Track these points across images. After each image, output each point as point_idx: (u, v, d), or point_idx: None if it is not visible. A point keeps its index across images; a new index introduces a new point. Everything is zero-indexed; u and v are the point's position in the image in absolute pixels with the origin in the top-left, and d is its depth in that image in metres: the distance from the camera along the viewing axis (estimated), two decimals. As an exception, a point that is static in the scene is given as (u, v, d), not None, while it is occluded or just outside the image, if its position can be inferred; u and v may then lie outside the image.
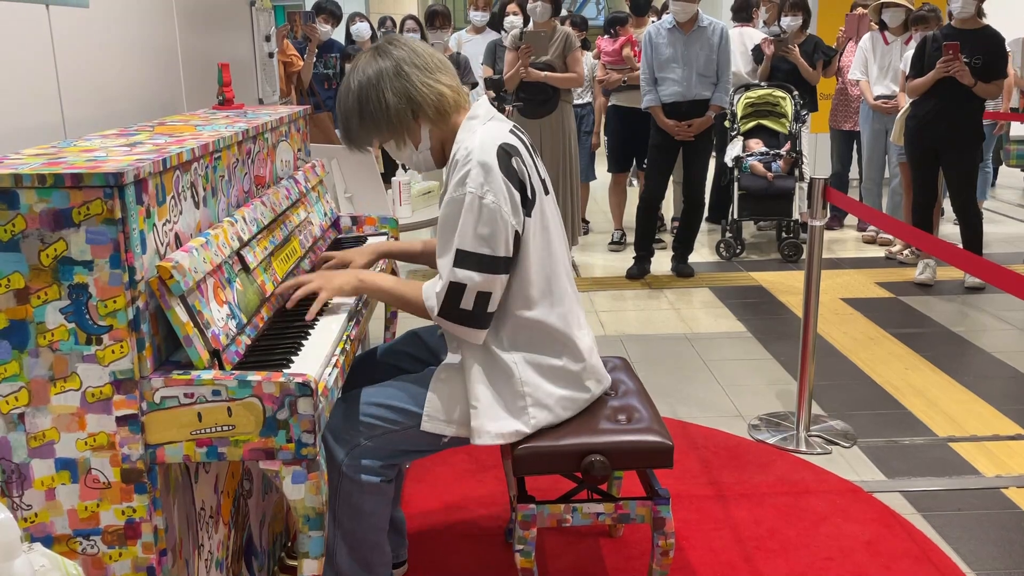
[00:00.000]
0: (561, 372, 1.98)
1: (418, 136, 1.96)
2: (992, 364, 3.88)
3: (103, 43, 2.24)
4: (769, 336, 4.30)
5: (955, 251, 2.47)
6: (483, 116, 1.95)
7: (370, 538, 1.97)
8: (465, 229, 1.83)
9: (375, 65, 1.91)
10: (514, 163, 1.87)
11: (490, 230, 1.82)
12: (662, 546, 2.04)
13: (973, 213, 4.89)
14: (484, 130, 1.90)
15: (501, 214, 1.83)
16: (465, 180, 1.83)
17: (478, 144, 1.85)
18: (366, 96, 1.90)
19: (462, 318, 1.87)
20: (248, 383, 1.50)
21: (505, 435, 1.94)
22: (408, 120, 1.92)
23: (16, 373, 1.47)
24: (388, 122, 1.91)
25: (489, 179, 1.82)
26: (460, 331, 1.90)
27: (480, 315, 1.87)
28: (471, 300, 1.84)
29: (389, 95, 1.89)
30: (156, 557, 1.54)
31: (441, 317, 1.88)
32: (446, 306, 1.86)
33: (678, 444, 3.03)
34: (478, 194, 1.82)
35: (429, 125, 1.94)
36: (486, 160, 1.83)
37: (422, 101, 1.90)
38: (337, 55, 5.95)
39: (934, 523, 2.61)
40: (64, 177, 1.40)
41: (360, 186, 3.37)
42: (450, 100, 1.93)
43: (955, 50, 4.58)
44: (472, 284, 1.84)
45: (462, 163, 1.85)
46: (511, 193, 1.84)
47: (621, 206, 6.21)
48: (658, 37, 5.13)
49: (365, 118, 1.92)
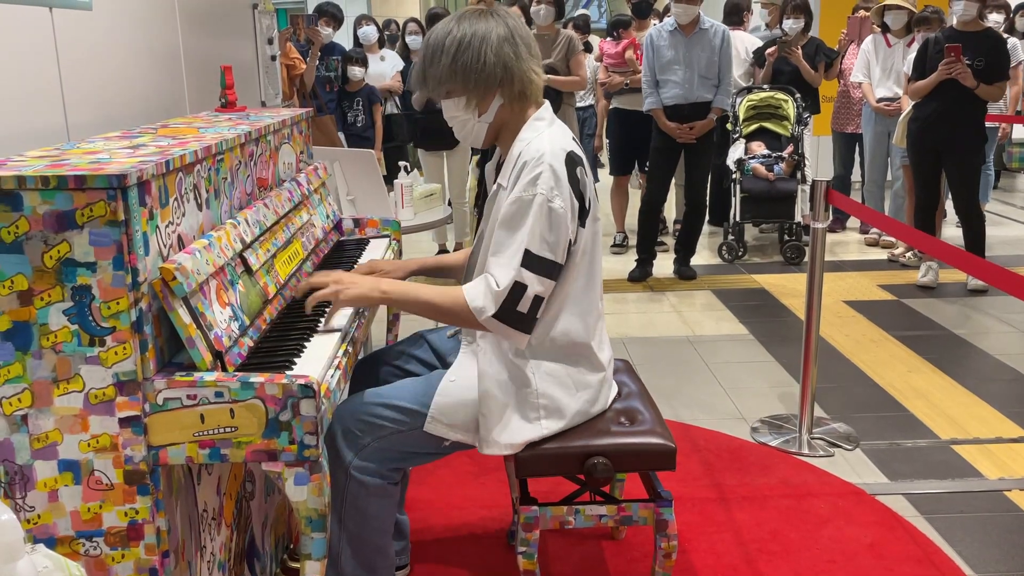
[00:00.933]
0: (580, 383, 1.98)
1: (488, 106, 1.92)
2: (995, 366, 3.88)
3: (106, 46, 2.24)
4: (771, 338, 4.29)
5: (958, 253, 2.47)
6: (548, 119, 1.95)
7: (374, 541, 1.97)
8: (535, 231, 1.81)
9: (484, 23, 1.88)
10: (578, 172, 1.87)
11: (555, 236, 1.82)
12: (664, 548, 2.04)
13: (975, 215, 4.89)
14: (551, 133, 1.90)
15: (566, 221, 1.83)
16: (536, 181, 1.81)
17: (548, 147, 1.85)
18: (468, 44, 1.86)
19: (516, 320, 1.84)
20: (251, 385, 1.50)
21: (515, 446, 1.93)
22: (492, 86, 1.89)
23: (19, 375, 1.47)
24: (476, 78, 1.87)
25: (559, 184, 1.82)
26: (509, 333, 1.87)
27: (532, 319, 1.86)
28: (528, 303, 1.83)
29: (490, 54, 1.86)
30: (158, 559, 1.54)
31: (496, 319, 1.83)
32: (505, 307, 1.82)
33: (680, 446, 3.03)
34: (548, 197, 1.81)
35: (504, 101, 1.91)
36: (557, 165, 1.83)
37: (516, 76, 1.88)
38: (339, 58, 5.96)
39: (937, 526, 2.61)
40: (67, 179, 1.40)
41: (362, 188, 3.37)
42: (534, 90, 1.92)
43: (957, 52, 4.58)
44: (532, 287, 1.82)
45: (533, 163, 1.83)
46: (573, 202, 1.84)
47: (623, 209, 6.21)
48: (660, 40, 5.13)
49: (457, 63, 1.86)
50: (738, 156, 5.85)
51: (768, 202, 5.75)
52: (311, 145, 2.74)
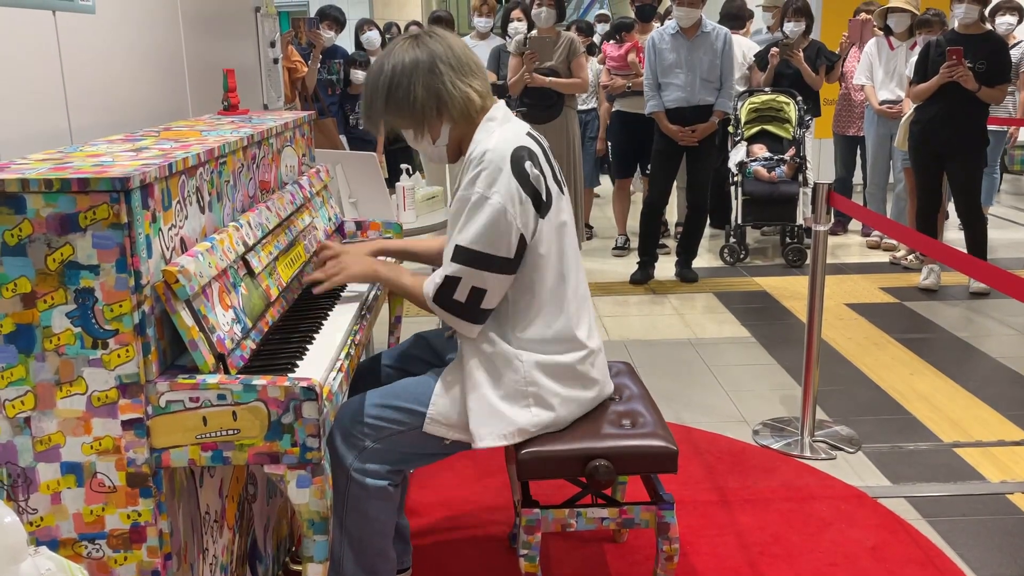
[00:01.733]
0: (568, 370, 1.98)
1: (438, 132, 1.97)
2: (997, 369, 3.88)
3: (109, 49, 2.25)
4: (773, 341, 4.29)
5: (959, 256, 2.47)
6: (501, 118, 1.97)
7: (376, 543, 1.97)
8: (467, 226, 1.87)
9: (411, 54, 1.91)
10: (527, 167, 1.88)
11: (492, 230, 1.85)
12: (666, 551, 2.03)
13: (977, 218, 4.88)
14: (501, 132, 1.92)
15: (505, 216, 1.85)
16: (475, 180, 1.86)
17: (493, 146, 1.88)
18: (396, 83, 1.91)
19: (455, 309, 1.91)
20: (253, 387, 1.50)
21: (506, 435, 1.94)
22: (432, 116, 1.93)
23: (22, 377, 1.47)
24: (412, 113, 1.93)
25: (499, 181, 1.85)
26: (453, 322, 1.94)
27: (473, 309, 1.90)
28: (464, 293, 1.89)
29: (419, 88, 1.90)
30: (161, 561, 1.55)
31: (436, 304, 1.93)
32: (439, 295, 1.92)
33: (682, 449, 3.03)
34: (485, 194, 1.85)
35: (451, 124, 1.95)
36: (498, 162, 1.85)
37: (450, 101, 1.92)
38: (341, 61, 5.97)
39: (939, 529, 2.61)
40: (71, 182, 1.40)
41: (364, 191, 3.37)
42: (476, 104, 1.95)
43: (958, 55, 4.58)
44: (466, 278, 1.88)
45: (475, 163, 1.87)
46: (521, 196, 1.86)
47: (624, 211, 6.22)
48: (661, 43, 5.13)
49: (390, 103, 1.93)
50: (740, 159, 5.86)
51: (770, 205, 5.76)
52: (313, 148, 2.74)
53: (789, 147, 5.90)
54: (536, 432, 1.97)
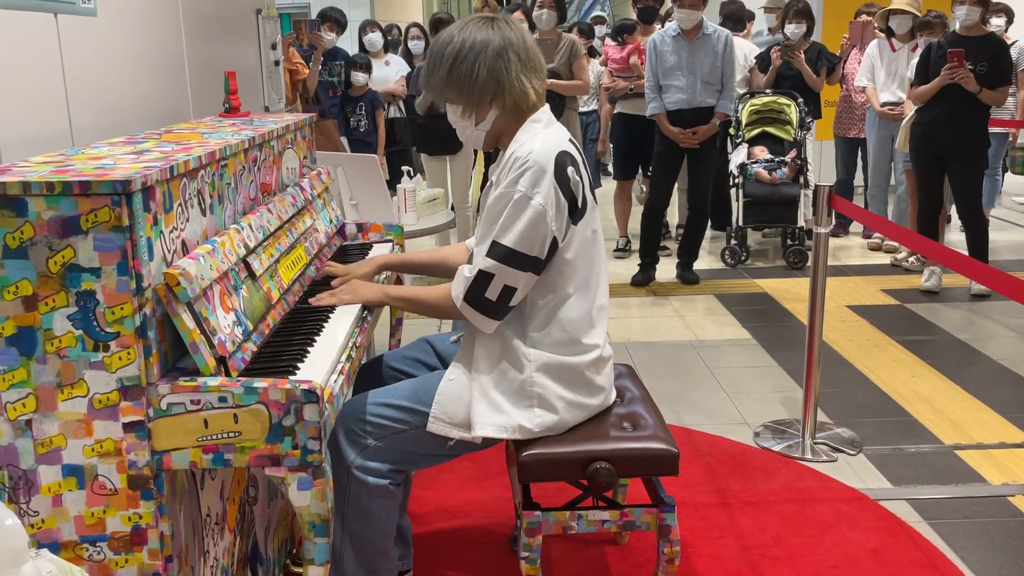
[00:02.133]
0: (576, 375, 1.98)
1: (485, 115, 1.97)
2: (998, 372, 3.87)
3: (110, 51, 2.25)
4: (774, 343, 4.29)
5: (961, 258, 2.47)
6: (545, 121, 1.99)
7: (377, 543, 1.97)
8: (507, 224, 1.87)
9: (484, 33, 1.92)
10: (569, 172, 1.90)
11: (530, 230, 1.86)
12: (667, 554, 2.03)
13: (979, 220, 4.88)
14: (545, 134, 1.94)
15: (545, 218, 1.87)
16: (519, 179, 1.87)
17: (539, 147, 1.89)
18: (463, 57, 1.91)
19: (484, 306, 1.91)
20: (254, 390, 1.50)
21: (506, 428, 1.94)
22: (486, 99, 1.94)
23: (24, 379, 1.47)
24: (468, 90, 1.93)
25: (541, 182, 1.86)
26: (477, 319, 1.94)
27: (501, 307, 1.91)
28: (496, 291, 1.89)
29: (482, 68, 1.91)
30: (162, 563, 1.55)
31: (465, 303, 1.92)
32: (471, 292, 1.91)
33: (683, 451, 3.03)
34: (527, 194, 1.86)
35: (499, 112, 1.96)
36: (543, 164, 1.87)
37: (508, 90, 1.93)
38: (342, 63, 5.97)
39: (940, 531, 2.61)
40: (72, 185, 1.40)
41: (365, 193, 3.38)
42: (530, 102, 1.96)
43: (959, 57, 4.58)
44: (499, 276, 1.88)
45: (520, 162, 1.88)
46: (559, 200, 1.88)
47: (626, 213, 6.22)
48: (663, 45, 5.14)
49: (452, 74, 1.92)
50: (740, 161, 5.86)
51: (771, 206, 5.76)
52: (314, 150, 2.75)
53: (790, 149, 5.91)
54: (536, 432, 1.97)
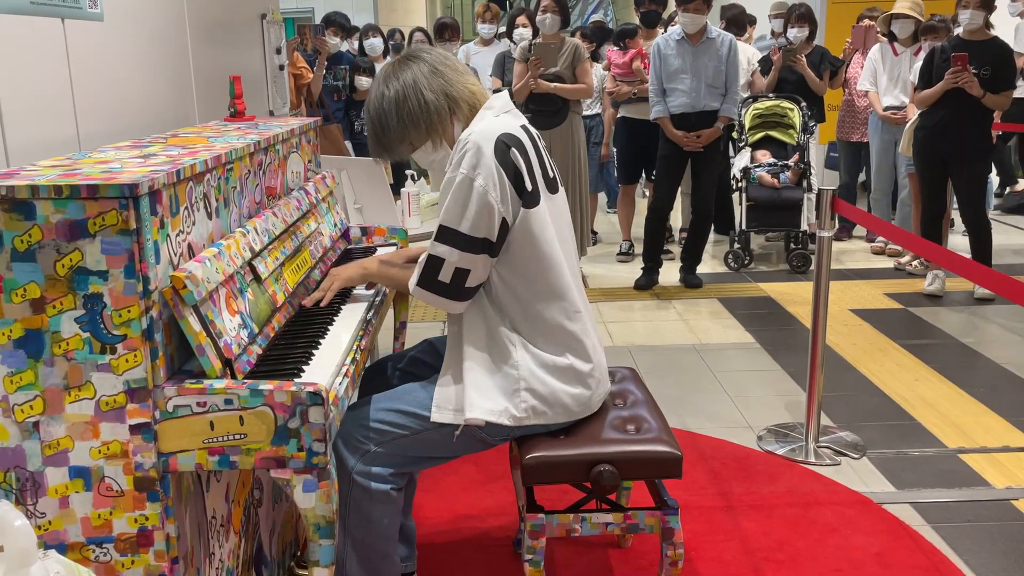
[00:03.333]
0: (562, 367, 1.97)
1: (452, 135, 1.99)
2: (1002, 375, 3.87)
3: (117, 56, 2.26)
4: (778, 347, 4.29)
5: (964, 262, 2.47)
6: (498, 108, 2.00)
7: (379, 547, 1.98)
8: (450, 207, 1.89)
9: (409, 70, 1.96)
10: (512, 153, 1.90)
11: (474, 211, 1.87)
12: (671, 556, 2.04)
13: (982, 224, 4.88)
14: (491, 120, 1.95)
15: (487, 198, 1.87)
16: (460, 162, 1.89)
17: (479, 130, 1.91)
18: (404, 97, 1.94)
19: (439, 290, 1.93)
20: (260, 392, 1.51)
21: (496, 412, 1.93)
22: (445, 118, 1.97)
23: (31, 382, 1.48)
24: (428, 120, 1.95)
25: (481, 163, 1.87)
26: (437, 302, 1.95)
27: (458, 288, 1.93)
28: (449, 274, 1.91)
29: (428, 93, 1.94)
30: (168, 565, 1.55)
31: (419, 287, 1.95)
32: (423, 277, 1.94)
33: (687, 455, 3.03)
34: (469, 176, 1.87)
35: (462, 124, 1.98)
36: (481, 145, 1.88)
37: (458, 97, 1.96)
38: (346, 67, 5.99)
39: (944, 535, 2.61)
40: (80, 188, 1.41)
41: (370, 197, 3.39)
42: (479, 99, 2.00)
43: (963, 61, 4.59)
44: (449, 259, 1.90)
45: (461, 146, 1.90)
46: (503, 181, 1.88)
47: (629, 217, 6.23)
48: (667, 49, 5.14)
49: (403, 119, 1.95)
50: (744, 165, 5.86)
51: (774, 210, 5.76)
52: (319, 154, 2.76)
53: (793, 153, 5.91)
54: (524, 417, 1.95)
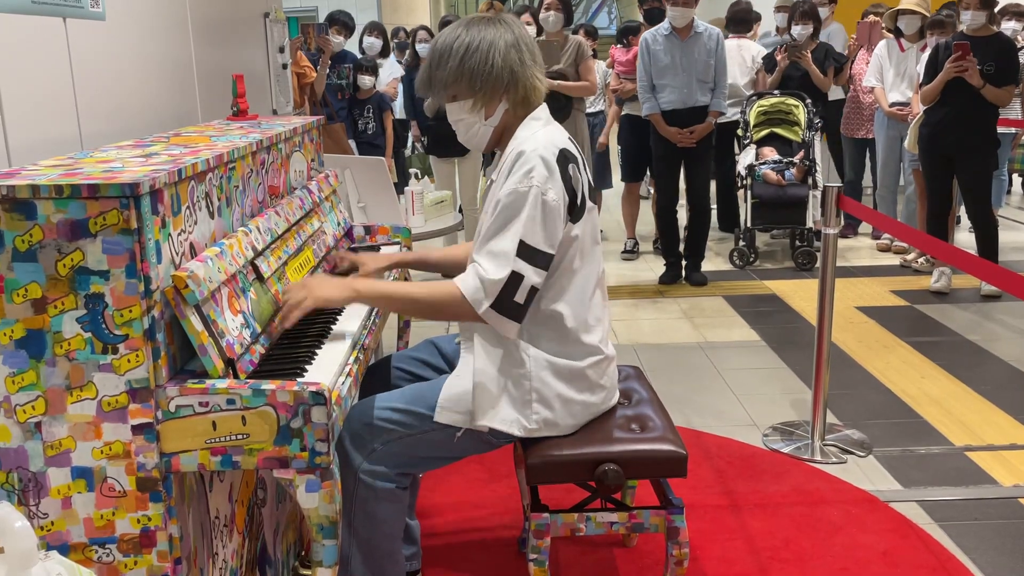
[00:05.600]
0: (577, 375, 1.97)
1: (494, 110, 1.96)
2: (1008, 372, 3.85)
3: (119, 55, 2.26)
4: (783, 345, 4.28)
5: (970, 259, 2.46)
6: (544, 119, 1.99)
7: (384, 546, 1.97)
8: (532, 223, 1.84)
9: (494, 29, 1.92)
10: (571, 169, 1.91)
11: (550, 228, 1.85)
12: (676, 556, 2.03)
13: (988, 221, 4.86)
14: (546, 131, 1.94)
15: (559, 214, 1.86)
16: (531, 174, 1.85)
17: (543, 142, 1.89)
18: (476, 48, 1.90)
19: (511, 311, 1.85)
20: (262, 392, 1.50)
21: (506, 422, 1.93)
22: (499, 90, 1.93)
23: (33, 382, 1.48)
24: (483, 82, 1.91)
25: (552, 178, 1.86)
26: (503, 324, 1.87)
27: (526, 308, 1.88)
28: (524, 294, 1.85)
29: (498, 58, 1.90)
30: (171, 566, 1.55)
31: (493, 309, 1.84)
32: (502, 297, 1.83)
33: (692, 453, 3.02)
34: (542, 190, 1.84)
35: (508, 106, 1.95)
36: (549, 159, 1.86)
37: (521, 82, 1.93)
38: (350, 66, 5.98)
39: (951, 533, 2.59)
40: (81, 188, 1.41)
41: (373, 196, 3.38)
42: (537, 97, 1.97)
43: (965, 50, 4.56)
44: (528, 278, 1.84)
45: (526, 157, 1.86)
46: (565, 196, 1.88)
47: (634, 215, 6.22)
48: (655, 44, 5.13)
49: (463, 67, 1.90)
50: (749, 162, 5.84)
51: (779, 208, 5.75)
52: (322, 153, 2.75)
53: (799, 150, 5.89)
54: (536, 428, 1.96)
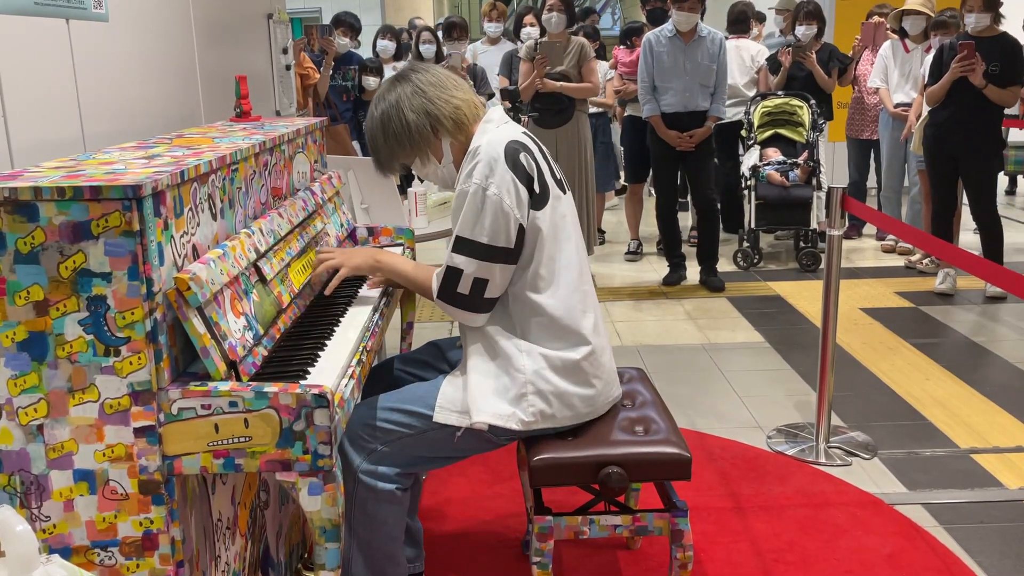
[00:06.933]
0: (572, 367, 1.97)
1: (440, 150, 2.04)
2: (1014, 374, 3.84)
3: (122, 57, 2.26)
4: (787, 346, 4.27)
5: (975, 260, 2.45)
6: (497, 120, 2.04)
7: (385, 548, 1.97)
8: (466, 218, 1.92)
9: (395, 90, 2.03)
10: (522, 158, 1.94)
11: (490, 220, 1.90)
12: (680, 559, 2.02)
13: (993, 221, 4.84)
14: (496, 131, 1.99)
15: (503, 206, 1.90)
16: (472, 173, 1.92)
17: (487, 140, 1.95)
18: (387, 118, 2.01)
19: (459, 301, 1.96)
20: (265, 394, 1.50)
21: (503, 416, 1.93)
22: (428, 135, 2.01)
23: (35, 385, 1.48)
24: (411, 139, 2.01)
25: (494, 172, 1.91)
26: (458, 314, 1.99)
27: (477, 300, 1.95)
28: (468, 285, 1.94)
29: (409, 113, 2.00)
30: (173, 569, 1.54)
31: (439, 299, 1.98)
32: (443, 289, 1.97)
33: (696, 455, 3.01)
34: (482, 185, 1.91)
35: (449, 138, 2.03)
36: (492, 154, 1.92)
37: (439, 114, 2.00)
38: (355, 67, 5.99)
39: (956, 536, 2.58)
40: (83, 190, 1.41)
41: (376, 197, 3.37)
42: (466, 112, 2.03)
43: (970, 48, 4.54)
44: (468, 270, 1.93)
45: (470, 157, 1.95)
46: (516, 187, 1.91)
47: (637, 216, 6.21)
48: (658, 46, 5.12)
49: (389, 139, 2.02)
50: (753, 163, 5.83)
51: (783, 209, 5.74)
52: (325, 154, 2.75)
53: (803, 151, 5.88)
54: (532, 421, 1.95)
